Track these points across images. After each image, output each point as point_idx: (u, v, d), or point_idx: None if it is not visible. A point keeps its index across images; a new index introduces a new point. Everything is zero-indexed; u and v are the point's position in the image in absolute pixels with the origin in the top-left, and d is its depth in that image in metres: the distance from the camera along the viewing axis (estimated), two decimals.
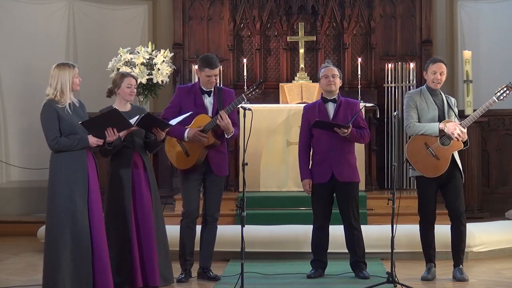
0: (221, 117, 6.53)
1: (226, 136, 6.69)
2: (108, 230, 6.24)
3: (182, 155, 6.70)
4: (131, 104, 6.57)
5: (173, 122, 6.43)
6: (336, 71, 6.91)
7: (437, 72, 6.69)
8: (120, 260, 6.25)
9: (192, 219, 6.76)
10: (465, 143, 6.57)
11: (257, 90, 6.67)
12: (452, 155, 6.59)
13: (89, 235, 5.87)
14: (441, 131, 6.57)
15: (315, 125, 6.74)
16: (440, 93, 6.76)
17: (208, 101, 6.76)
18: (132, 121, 6.11)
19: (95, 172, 6.01)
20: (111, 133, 5.93)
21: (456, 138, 6.50)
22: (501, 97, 6.61)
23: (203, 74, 6.71)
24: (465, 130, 6.55)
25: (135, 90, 6.54)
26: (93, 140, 5.92)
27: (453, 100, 6.81)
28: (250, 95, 6.65)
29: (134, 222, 6.33)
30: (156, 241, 6.38)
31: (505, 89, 6.62)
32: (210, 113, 6.71)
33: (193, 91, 6.79)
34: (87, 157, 5.95)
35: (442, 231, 6.88)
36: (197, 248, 6.83)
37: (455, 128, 6.51)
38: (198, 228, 6.81)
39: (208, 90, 6.76)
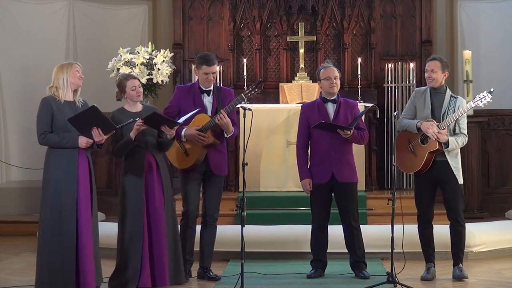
0: (221, 116, 6.54)
1: (226, 136, 6.69)
2: (119, 228, 6.31)
3: (182, 155, 6.69)
4: (142, 104, 6.59)
5: (181, 120, 6.44)
6: (337, 72, 6.94)
7: (428, 70, 6.70)
8: (130, 258, 6.26)
9: (192, 218, 6.75)
10: (445, 144, 6.54)
11: (256, 90, 6.67)
12: (446, 156, 6.59)
13: (75, 234, 5.86)
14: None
15: (318, 126, 6.74)
16: (445, 93, 6.70)
17: (207, 100, 6.75)
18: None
19: (87, 171, 5.98)
20: (97, 134, 5.88)
21: (432, 137, 6.51)
22: (480, 103, 6.55)
23: (200, 72, 6.70)
24: (443, 131, 6.52)
25: (141, 89, 6.54)
26: (82, 141, 5.89)
27: (459, 102, 6.64)
28: (249, 94, 6.65)
29: (146, 222, 6.34)
30: (166, 242, 6.38)
31: (485, 94, 6.58)
32: (209, 113, 6.71)
33: (192, 90, 6.79)
34: (78, 156, 5.92)
35: (442, 231, 6.87)
36: (197, 248, 6.83)
37: (429, 127, 6.53)
38: (198, 228, 6.80)
39: (207, 89, 6.76)
